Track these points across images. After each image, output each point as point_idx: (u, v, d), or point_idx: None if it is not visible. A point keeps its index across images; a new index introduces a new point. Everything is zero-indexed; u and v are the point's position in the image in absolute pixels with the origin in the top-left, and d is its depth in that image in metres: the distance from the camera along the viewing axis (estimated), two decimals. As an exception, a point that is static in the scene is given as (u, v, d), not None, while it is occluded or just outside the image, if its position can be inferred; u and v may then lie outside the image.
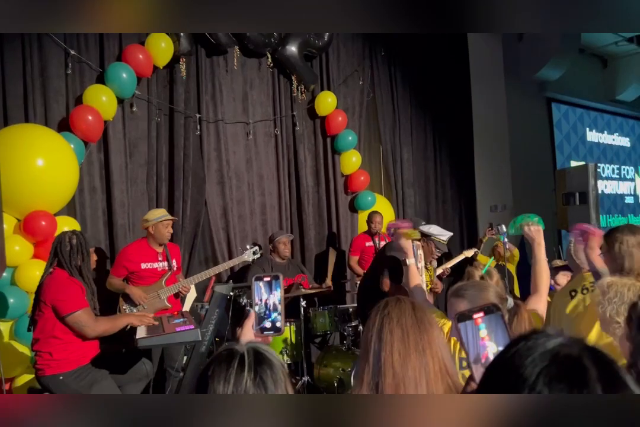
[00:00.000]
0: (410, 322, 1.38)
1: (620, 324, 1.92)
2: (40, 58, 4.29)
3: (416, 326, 1.38)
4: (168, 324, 2.95)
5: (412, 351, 1.34)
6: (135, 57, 4.50)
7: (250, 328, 1.42)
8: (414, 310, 1.42)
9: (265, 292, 1.46)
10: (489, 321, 1.11)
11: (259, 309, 1.44)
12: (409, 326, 1.38)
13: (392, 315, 1.41)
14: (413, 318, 1.39)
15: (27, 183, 3.74)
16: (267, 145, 5.52)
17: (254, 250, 4.32)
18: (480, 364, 1.12)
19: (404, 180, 6.57)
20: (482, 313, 1.12)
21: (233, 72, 5.28)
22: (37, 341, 2.84)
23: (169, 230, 3.96)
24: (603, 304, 1.96)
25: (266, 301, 1.44)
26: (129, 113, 4.68)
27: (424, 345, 1.35)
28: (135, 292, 3.73)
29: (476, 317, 1.12)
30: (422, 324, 1.39)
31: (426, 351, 1.35)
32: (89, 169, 4.44)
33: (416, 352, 1.34)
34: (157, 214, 3.95)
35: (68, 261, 2.87)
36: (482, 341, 1.11)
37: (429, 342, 1.36)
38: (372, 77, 6.36)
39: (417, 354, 1.34)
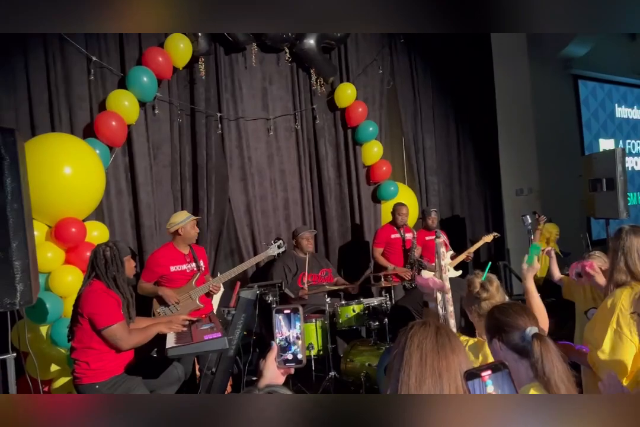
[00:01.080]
0: (430, 346, 1.42)
1: None
2: (63, 65, 4.37)
3: (436, 350, 1.41)
4: (196, 330, 3.06)
5: (428, 375, 1.37)
6: (155, 59, 4.55)
7: (273, 360, 1.48)
8: (437, 335, 1.45)
9: (285, 325, 1.51)
10: (495, 378, 1.18)
11: (280, 341, 1.50)
12: (428, 349, 1.41)
13: (414, 338, 1.44)
14: (434, 343, 1.42)
15: (56, 191, 3.85)
16: (288, 140, 5.56)
17: (278, 244, 4.38)
18: None
19: (426, 168, 6.55)
20: (490, 371, 1.19)
21: (252, 69, 5.30)
22: (75, 349, 2.97)
23: (196, 229, 4.09)
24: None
25: (287, 333, 1.50)
26: (151, 115, 4.75)
27: (441, 370, 1.38)
28: (168, 293, 3.85)
29: (484, 375, 1.18)
30: (443, 349, 1.42)
31: (443, 376, 1.38)
32: (114, 172, 4.55)
33: (432, 377, 1.37)
34: (182, 216, 4.04)
35: (104, 273, 2.98)
36: None
37: (447, 368, 1.39)
38: (391, 65, 6.30)
39: (433, 379, 1.37)
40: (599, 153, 6.80)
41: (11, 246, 2.35)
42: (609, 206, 5.45)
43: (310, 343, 4.29)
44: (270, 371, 1.44)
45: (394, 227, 5.42)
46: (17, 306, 2.34)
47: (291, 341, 1.49)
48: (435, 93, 6.70)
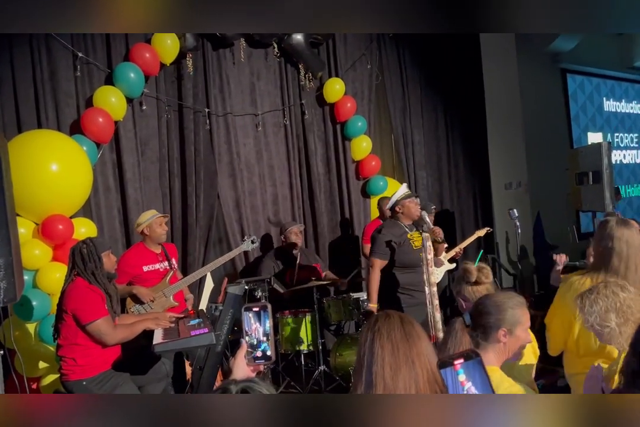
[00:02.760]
0: (399, 336, 1.48)
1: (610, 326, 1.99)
2: (49, 62, 4.35)
3: (405, 339, 1.48)
4: (184, 326, 3.07)
5: (402, 363, 1.44)
6: (142, 55, 4.53)
7: (242, 358, 1.50)
8: (403, 324, 1.52)
9: (255, 322, 1.53)
10: (467, 367, 1.21)
11: (250, 339, 1.52)
12: (398, 339, 1.47)
13: (382, 330, 1.50)
14: (402, 332, 1.49)
15: (43, 188, 3.85)
16: (277, 136, 5.56)
17: (252, 239, 4.39)
18: None
19: (415, 163, 6.57)
20: (462, 359, 1.22)
21: (240, 64, 5.30)
22: (60, 346, 2.99)
23: (164, 228, 3.99)
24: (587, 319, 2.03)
25: (256, 330, 1.52)
26: (139, 111, 4.75)
27: (413, 357, 1.45)
28: (143, 291, 3.81)
29: (456, 364, 1.21)
30: (411, 337, 1.49)
31: (415, 362, 1.45)
32: (102, 169, 4.54)
33: (406, 364, 1.44)
34: (147, 216, 4.01)
35: (84, 269, 2.99)
36: (461, 385, 1.20)
37: (417, 354, 1.46)
38: (380, 60, 6.30)
39: (407, 367, 1.44)
40: (585, 147, 6.83)
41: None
42: (595, 199, 5.50)
43: (300, 338, 4.32)
44: (240, 369, 1.47)
45: (381, 221, 5.42)
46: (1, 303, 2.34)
47: (261, 338, 1.52)
48: (424, 88, 6.71)
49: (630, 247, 2.34)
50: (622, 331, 1.97)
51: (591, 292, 2.07)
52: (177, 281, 3.99)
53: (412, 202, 4.06)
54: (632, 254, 2.34)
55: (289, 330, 4.37)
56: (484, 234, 5.68)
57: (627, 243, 2.34)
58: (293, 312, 4.49)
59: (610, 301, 2.02)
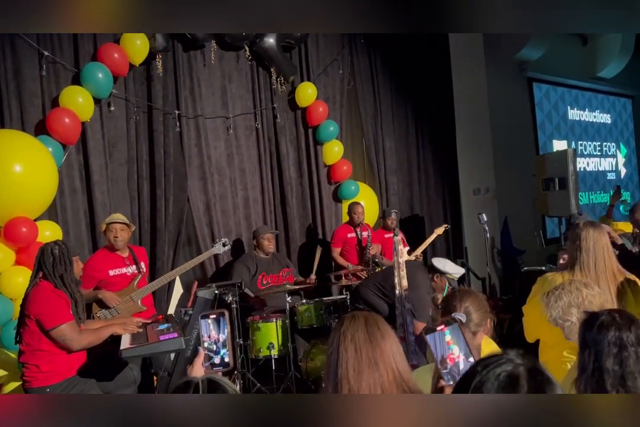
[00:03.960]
0: (362, 338, 1.49)
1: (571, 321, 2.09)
2: (13, 60, 4.23)
3: (368, 341, 1.48)
4: (152, 331, 3.00)
5: (365, 365, 1.45)
6: (111, 55, 4.45)
7: (200, 365, 1.51)
8: (367, 326, 1.52)
9: (214, 329, 1.52)
10: (451, 330, 1.38)
11: (208, 345, 1.51)
12: (361, 342, 1.48)
13: (346, 333, 1.51)
14: (365, 334, 1.50)
15: (6, 189, 3.73)
16: (248, 139, 5.52)
17: (223, 242, 4.35)
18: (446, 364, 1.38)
19: (386, 168, 6.61)
20: (444, 325, 1.39)
21: (211, 67, 5.24)
22: (23, 353, 2.88)
23: (116, 234, 3.80)
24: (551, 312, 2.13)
25: (215, 337, 1.51)
26: (107, 113, 4.65)
27: (376, 358, 1.46)
28: (109, 296, 3.72)
29: (440, 328, 1.38)
30: (375, 338, 1.49)
31: (379, 363, 1.46)
32: (68, 171, 4.42)
33: (369, 366, 1.46)
34: (108, 218, 3.92)
35: (52, 272, 2.89)
36: (447, 344, 1.39)
37: (381, 355, 1.47)
38: (352, 65, 6.33)
39: (370, 368, 1.45)
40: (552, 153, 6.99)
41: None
42: (561, 205, 5.61)
43: (270, 343, 4.27)
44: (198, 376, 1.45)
45: (351, 227, 5.44)
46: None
47: (220, 345, 1.51)
48: (395, 94, 6.76)
49: (597, 244, 2.57)
50: None
51: (557, 288, 2.21)
52: (145, 285, 3.91)
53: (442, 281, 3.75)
54: (598, 251, 2.56)
55: (259, 335, 4.32)
56: (442, 232, 5.76)
57: (594, 241, 2.57)
58: (263, 317, 4.44)
59: (573, 297, 2.15)
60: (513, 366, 1.04)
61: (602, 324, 1.56)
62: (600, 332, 1.55)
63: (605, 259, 2.56)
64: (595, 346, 1.54)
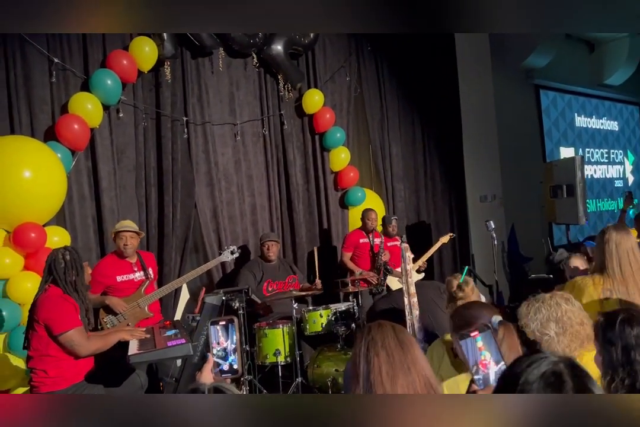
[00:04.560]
0: (393, 343, 1.50)
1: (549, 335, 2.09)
2: (23, 67, 4.26)
3: (399, 347, 1.50)
4: (160, 337, 3.00)
5: (398, 370, 1.47)
6: (120, 62, 4.48)
7: (209, 371, 1.52)
8: (396, 332, 1.54)
9: (222, 335, 1.53)
10: (482, 337, 1.44)
11: (217, 352, 1.52)
12: (392, 347, 1.49)
13: (376, 339, 1.51)
14: (395, 340, 1.51)
15: (16, 195, 3.75)
16: (256, 146, 5.53)
17: (231, 250, 4.35)
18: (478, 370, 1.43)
19: (393, 175, 6.61)
20: (477, 331, 1.44)
21: (219, 74, 5.27)
22: (31, 358, 2.88)
23: (126, 242, 3.82)
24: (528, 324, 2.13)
25: (223, 344, 1.51)
26: (116, 119, 4.67)
27: (408, 364, 1.48)
28: (115, 302, 3.73)
29: (473, 335, 1.44)
30: (405, 344, 1.51)
31: (411, 369, 1.48)
32: (77, 177, 4.45)
33: (402, 371, 1.47)
34: (119, 225, 3.93)
35: (63, 277, 2.90)
36: (479, 350, 1.44)
37: (412, 361, 1.49)
38: (359, 73, 6.35)
39: (404, 373, 1.47)
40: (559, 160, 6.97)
41: (-34, 250, 2.27)
42: (569, 212, 5.59)
43: (277, 349, 4.26)
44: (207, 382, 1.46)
45: (364, 232, 5.45)
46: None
47: (229, 351, 1.51)
48: (402, 101, 6.78)
49: (619, 247, 2.57)
50: (559, 340, 2.09)
51: (537, 301, 2.20)
52: (153, 291, 3.91)
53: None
54: (622, 254, 2.57)
55: (266, 341, 4.31)
56: (447, 240, 5.74)
57: (617, 244, 2.58)
58: (270, 323, 4.43)
59: (552, 311, 2.14)
60: (553, 363, 1.09)
61: (623, 320, 1.65)
62: (624, 329, 1.64)
63: (631, 261, 2.56)
64: (622, 341, 1.62)
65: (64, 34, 4.42)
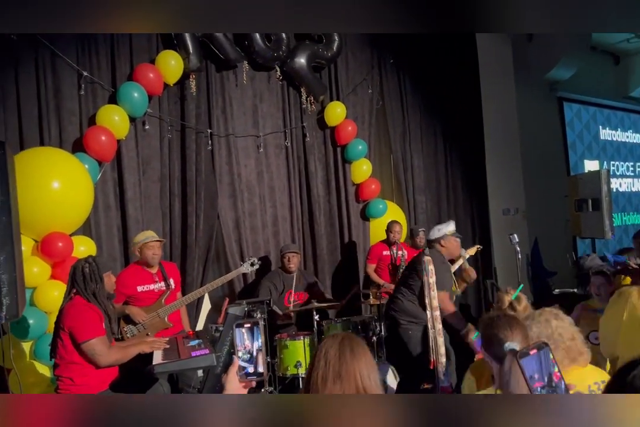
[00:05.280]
0: (333, 353, 1.68)
1: None
2: (53, 80, 4.37)
3: (337, 357, 1.67)
4: (184, 347, 3.02)
5: (330, 377, 1.64)
6: (146, 75, 4.57)
7: (234, 374, 1.53)
8: (340, 344, 1.71)
9: (248, 338, 1.54)
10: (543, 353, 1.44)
11: (242, 355, 1.53)
12: (331, 356, 1.68)
13: (322, 347, 1.72)
14: (336, 351, 1.69)
15: (44, 205, 3.82)
16: (278, 157, 5.58)
17: (252, 261, 4.36)
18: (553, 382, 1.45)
19: (415, 187, 6.60)
20: (536, 350, 1.44)
21: (243, 86, 5.33)
22: (57, 366, 2.93)
23: (155, 252, 3.89)
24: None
25: (248, 346, 1.52)
26: (141, 131, 4.75)
27: (341, 373, 1.65)
28: (135, 311, 3.77)
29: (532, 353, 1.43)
30: (343, 355, 1.68)
31: (343, 378, 1.64)
32: (103, 187, 4.52)
33: (332, 378, 1.64)
34: (141, 237, 3.97)
35: (84, 288, 2.95)
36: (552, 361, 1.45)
37: (346, 371, 1.65)
38: (381, 85, 6.38)
39: (333, 381, 1.64)
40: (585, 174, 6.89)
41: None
42: (594, 226, 5.52)
43: (298, 361, 4.25)
44: (232, 385, 1.53)
45: (387, 245, 5.44)
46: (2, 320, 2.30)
47: (254, 354, 1.53)
48: (424, 113, 6.78)
49: None
50: None
51: (527, 319, 2.18)
52: (174, 301, 3.94)
53: (456, 241, 4.15)
54: None
55: (287, 353, 4.30)
56: (474, 253, 5.67)
57: None
58: (291, 335, 4.43)
59: (542, 328, 2.13)
60: None
61: None
62: None
63: None
64: None
65: (93, 47, 4.52)
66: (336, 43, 5.69)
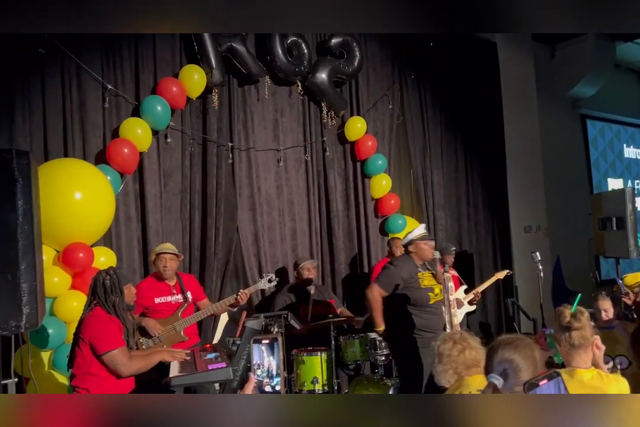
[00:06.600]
0: None
1: None
2: (79, 93, 4.44)
3: None
4: (201, 360, 3.01)
5: None
6: (170, 89, 4.62)
7: (250, 391, 1.47)
8: None
9: (267, 355, 1.48)
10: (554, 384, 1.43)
11: (260, 372, 1.47)
12: None
13: None
14: None
15: (66, 216, 3.85)
16: (298, 171, 5.59)
17: (269, 278, 4.30)
18: None
19: (435, 203, 6.56)
20: (546, 380, 1.37)
21: (264, 101, 5.37)
22: (74, 376, 2.92)
23: (165, 264, 3.86)
24: None
25: (267, 364, 1.47)
26: (164, 144, 4.80)
27: None
28: (151, 324, 3.76)
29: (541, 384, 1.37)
30: None
31: None
32: (124, 199, 4.56)
33: None
34: (158, 249, 3.97)
35: (104, 300, 2.96)
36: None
37: None
38: (401, 101, 6.39)
39: None
40: (609, 192, 6.80)
41: (19, 268, 2.34)
42: (618, 245, 5.41)
43: (315, 377, 4.21)
44: None
45: None
46: (22, 329, 2.30)
47: (272, 371, 1.47)
48: (445, 129, 6.77)
49: None
50: None
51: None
52: (190, 315, 3.93)
53: (426, 245, 4.09)
54: None
55: (304, 368, 4.26)
56: (503, 277, 5.57)
57: None
58: (308, 350, 4.39)
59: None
60: None
61: None
62: None
63: None
64: None
65: (117, 61, 4.59)
66: (357, 58, 5.72)
